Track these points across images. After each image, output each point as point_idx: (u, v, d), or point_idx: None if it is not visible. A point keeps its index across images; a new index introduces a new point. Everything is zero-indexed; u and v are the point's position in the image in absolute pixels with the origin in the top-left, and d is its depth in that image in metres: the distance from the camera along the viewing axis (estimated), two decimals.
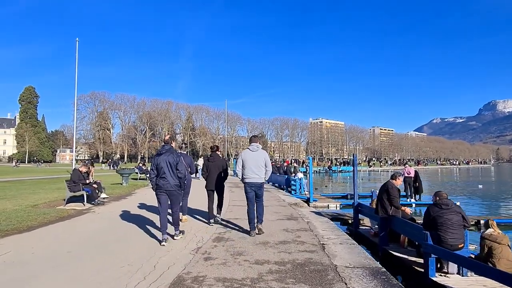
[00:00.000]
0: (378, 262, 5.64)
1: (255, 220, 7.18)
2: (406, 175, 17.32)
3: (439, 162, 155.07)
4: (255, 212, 7.19)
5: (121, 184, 19.04)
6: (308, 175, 19.22)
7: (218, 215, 8.51)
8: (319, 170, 68.65)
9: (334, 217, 11.54)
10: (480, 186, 31.11)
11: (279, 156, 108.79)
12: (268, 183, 25.28)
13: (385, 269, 5.08)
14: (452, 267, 5.92)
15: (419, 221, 8.89)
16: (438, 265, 6.03)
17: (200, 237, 6.92)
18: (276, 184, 22.90)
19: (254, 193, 7.09)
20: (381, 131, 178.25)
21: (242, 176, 7.11)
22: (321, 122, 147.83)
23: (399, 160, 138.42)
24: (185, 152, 12.48)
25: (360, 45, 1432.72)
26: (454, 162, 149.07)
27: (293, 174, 21.15)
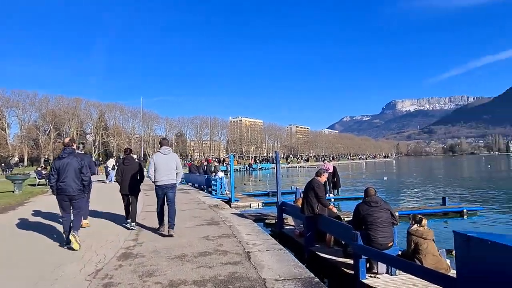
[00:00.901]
0: (305, 267, 5.14)
1: (165, 218, 7.25)
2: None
3: (349, 157, 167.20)
4: (167, 216, 7.15)
5: (13, 192, 16.30)
6: (229, 174, 18.56)
7: (132, 224, 7.91)
8: (240, 168, 68.81)
9: (258, 218, 10.99)
10: (385, 178, 33.78)
11: (198, 155, 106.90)
12: (188, 183, 24.07)
13: (318, 279, 4.54)
14: (382, 267, 5.66)
15: (345, 218, 8.71)
16: (368, 265, 5.74)
17: (102, 255, 5.73)
18: (196, 185, 21.84)
19: (165, 195, 7.18)
20: (298, 129, 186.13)
21: (155, 179, 7.09)
22: (241, 120, 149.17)
23: (314, 156, 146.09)
24: (82, 152, 10.92)
25: (279, 46, 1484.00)
26: (362, 157, 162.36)
27: (214, 174, 20.32)
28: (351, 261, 6.23)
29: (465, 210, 12.80)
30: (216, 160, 69.21)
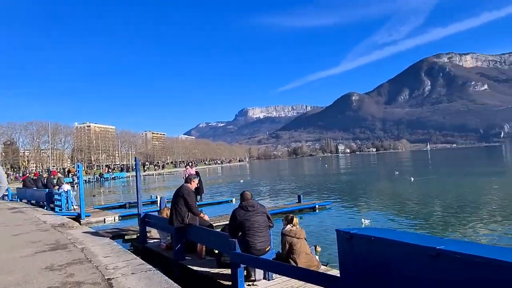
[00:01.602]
0: (177, 283, 4.50)
1: None
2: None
3: (206, 162, 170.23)
4: None
5: None
6: (76, 186, 16.12)
7: None
8: (89, 179, 61.93)
9: (116, 234, 9.65)
10: (241, 181, 35.33)
11: (35, 167, 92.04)
12: (22, 200, 20.08)
13: None
14: (259, 273, 5.44)
15: (215, 224, 8.32)
16: (245, 273, 5.43)
17: None
18: (34, 201, 18.33)
19: None
20: (154, 135, 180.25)
21: None
22: (89, 126, 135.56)
23: (171, 162, 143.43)
24: None
25: (132, 47, 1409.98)
26: (218, 162, 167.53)
27: (57, 187, 17.41)
28: (227, 271, 5.85)
29: (317, 206, 14.07)
30: (62, 171, 60.69)
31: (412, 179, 24.87)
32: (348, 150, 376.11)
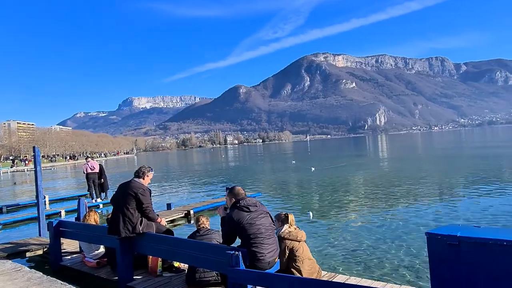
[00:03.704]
0: None
1: None
2: (90, 170, 14.32)
3: (89, 155, 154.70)
4: None
5: None
6: None
7: None
8: None
9: (13, 252, 7.02)
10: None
11: None
12: None
13: None
14: None
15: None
16: None
17: None
18: None
19: None
20: (19, 125, 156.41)
21: None
22: None
23: (44, 156, 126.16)
24: None
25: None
26: (102, 155, 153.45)
27: None
28: None
29: None
30: None
31: (313, 168, 25.85)
32: (236, 141, 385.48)
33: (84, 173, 14.43)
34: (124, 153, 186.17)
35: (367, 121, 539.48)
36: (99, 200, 14.28)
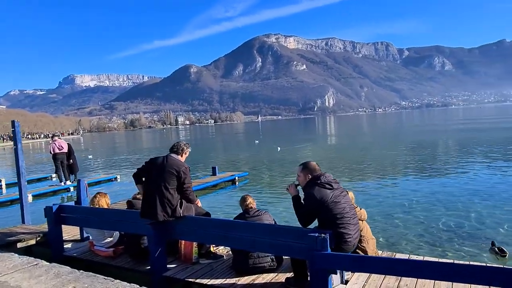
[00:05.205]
0: None
1: None
2: (58, 150, 12.95)
3: (29, 136, 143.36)
4: None
5: None
6: None
7: None
8: None
9: (2, 244, 5.97)
10: (90, 157, 30.08)
11: None
12: None
13: None
14: (336, 278, 3.80)
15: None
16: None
17: None
18: None
19: None
20: None
21: None
22: None
23: None
24: None
25: None
26: (41, 136, 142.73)
27: None
28: (269, 278, 4.01)
29: (236, 178, 12.59)
30: None
31: (279, 148, 25.81)
32: (187, 122, 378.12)
33: (51, 153, 13.01)
34: (69, 134, 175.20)
35: (316, 102, 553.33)
36: (68, 182, 13.02)
